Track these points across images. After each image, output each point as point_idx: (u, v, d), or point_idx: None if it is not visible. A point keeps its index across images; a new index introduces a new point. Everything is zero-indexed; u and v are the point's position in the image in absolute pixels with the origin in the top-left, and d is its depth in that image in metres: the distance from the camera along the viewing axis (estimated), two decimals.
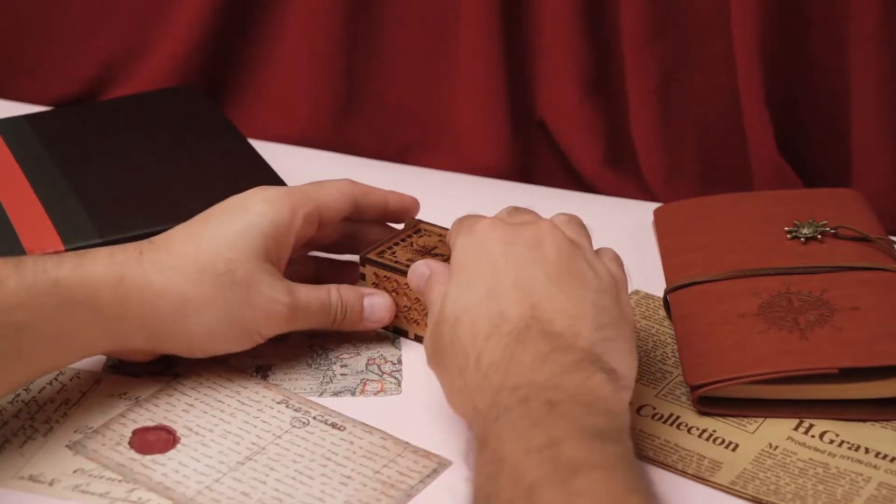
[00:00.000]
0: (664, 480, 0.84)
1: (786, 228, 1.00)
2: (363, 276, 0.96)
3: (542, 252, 0.82)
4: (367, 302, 0.94)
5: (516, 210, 0.88)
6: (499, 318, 0.79)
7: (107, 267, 0.86)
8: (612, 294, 0.82)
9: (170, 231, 0.91)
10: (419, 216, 1.00)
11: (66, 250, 0.98)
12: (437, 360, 0.84)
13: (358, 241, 0.97)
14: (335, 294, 0.93)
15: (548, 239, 0.82)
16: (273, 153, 1.16)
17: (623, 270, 0.85)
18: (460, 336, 0.80)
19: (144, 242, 0.89)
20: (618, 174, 1.18)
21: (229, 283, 0.88)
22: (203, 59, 1.25)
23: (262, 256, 0.89)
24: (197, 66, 1.25)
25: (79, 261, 0.86)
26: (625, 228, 1.08)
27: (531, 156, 1.21)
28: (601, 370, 0.76)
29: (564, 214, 0.87)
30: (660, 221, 1.07)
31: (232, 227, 0.90)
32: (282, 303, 0.90)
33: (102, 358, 0.94)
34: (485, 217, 0.86)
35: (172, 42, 1.25)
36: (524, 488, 0.68)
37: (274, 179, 1.07)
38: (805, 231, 1.00)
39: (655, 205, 1.11)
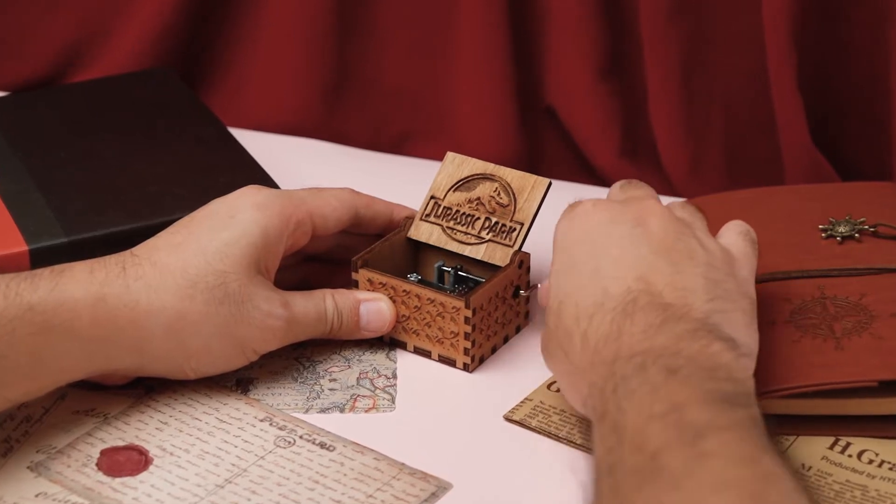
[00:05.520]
0: None
1: (820, 226, 1.00)
2: (356, 284, 0.96)
3: (647, 229, 0.85)
4: (363, 309, 0.94)
5: (629, 183, 0.92)
6: (602, 296, 0.82)
7: (86, 286, 0.86)
8: (725, 269, 0.85)
9: (152, 241, 0.91)
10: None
11: (30, 250, 0.98)
12: (546, 353, 0.87)
13: (354, 253, 0.97)
14: (330, 301, 0.93)
15: (653, 216, 0.86)
16: (255, 143, 1.16)
17: (751, 245, 0.88)
18: (564, 320, 0.84)
19: (126, 255, 0.89)
20: (635, 166, 1.18)
21: (222, 297, 0.88)
22: (178, 39, 1.25)
23: (254, 267, 0.90)
24: (172, 47, 1.25)
25: (55, 281, 0.86)
26: None
27: (539, 145, 1.21)
28: (719, 338, 0.79)
29: (677, 201, 0.91)
30: None
31: (221, 236, 0.90)
32: (278, 317, 0.90)
33: None
34: (588, 199, 0.89)
35: (145, 20, 1.25)
36: (648, 454, 0.70)
37: (257, 172, 1.07)
38: (841, 229, 1.00)
39: (677, 200, 1.10)
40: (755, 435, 0.71)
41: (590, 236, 0.86)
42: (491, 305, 0.95)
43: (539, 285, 0.93)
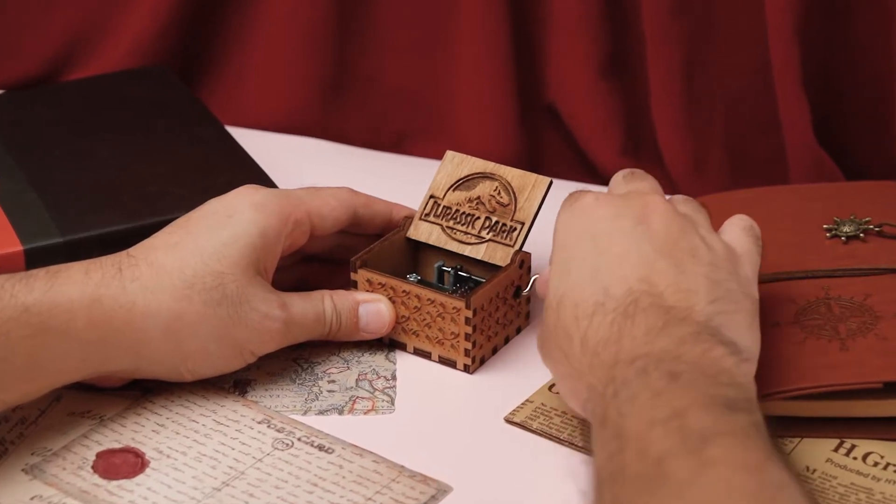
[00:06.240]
0: None
1: (824, 226, 1.00)
2: (354, 284, 0.96)
3: (650, 226, 0.84)
4: (362, 310, 0.94)
5: (632, 174, 0.91)
6: (603, 296, 0.82)
7: (82, 287, 0.86)
8: (728, 268, 0.84)
9: (149, 241, 0.91)
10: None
11: (25, 250, 0.98)
12: (544, 351, 0.86)
13: (353, 254, 0.97)
14: (328, 303, 0.93)
15: (656, 213, 0.85)
16: (253, 142, 1.16)
17: (754, 242, 0.88)
18: (563, 319, 0.83)
19: (122, 255, 0.89)
20: (637, 164, 1.17)
21: (219, 298, 0.88)
22: (176, 37, 1.25)
23: (252, 268, 0.90)
24: (169, 45, 1.25)
25: (50, 282, 0.86)
26: None
27: (540, 144, 1.21)
28: (721, 343, 0.78)
29: (679, 195, 0.90)
30: None
31: (219, 236, 0.90)
32: (277, 318, 0.90)
33: None
34: (590, 191, 0.88)
35: (141, 17, 1.25)
36: (652, 461, 0.70)
37: (255, 171, 1.07)
38: (846, 229, 0.99)
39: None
40: (759, 441, 0.71)
41: (591, 233, 0.85)
42: (492, 306, 0.95)
43: (536, 276, 0.93)
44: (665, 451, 0.70)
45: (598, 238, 0.85)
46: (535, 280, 0.94)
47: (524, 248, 0.96)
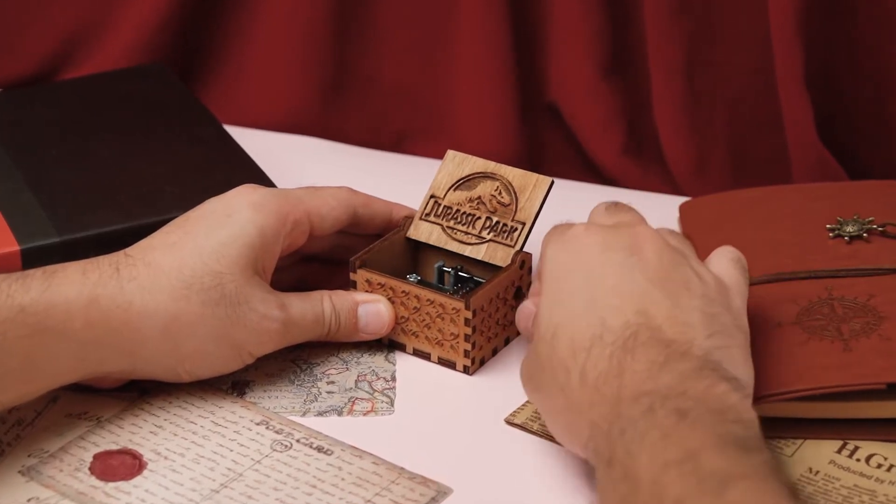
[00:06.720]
0: None
1: (827, 226, 1.00)
2: (354, 284, 0.96)
3: (643, 257, 0.84)
4: (362, 311, 0.94)
5: (615, 206, 0.90)
6: (600, 328, 0.81)
7: (79, 287, 0.86)
8: (721, 301, 0.84)
9: (146, 240, 0.91)
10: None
11: (22, 250, 0.98)
12: (533, 384, 0.85)
13: (352, 254, 0.97)
14: (328, 303, 0.93)
15: (648, 244, 0.84)
16: (252, 141, 1.16)
17: (742, 273, 0.87)
18: (559, 351, 0.82)
19: (120, 255, 0.89)
20: (639, 164, 1.18)
21: (218, 298, 0.88)
22: (174, 34, 1.25)
23: (250, 268, 0.90)
24: (167, 43, 1.25)
25: (47, 282, 0.86)
26: None
27: (541, 143, 1.21)
28: (724, 378, 0.78)
29: (664, 227, 0.89)
30: (686, 218, 1.07)
31: (217, 235, 0.90)
32: (275, 319, 0.90)
33: None
34: (578, 223, 0.88)
35: (139, 15, 1.25)
36: None
37: (253, 171, 1.07)
38: (849, 229, 0.99)
39: (681, 199, 1.11)
40: (776, 483, 0.71)
41: (583, 264, 0.84)
42: (492, 307, 0.94)
43: (520, 307, 0.92)
44: (683, 496, 0.70)
45: (591, 269, 0.84)
46: (521, 308, 0.92)
47: (525, 249, 0.96)
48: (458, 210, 0.98)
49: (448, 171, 0.99)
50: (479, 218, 0.97)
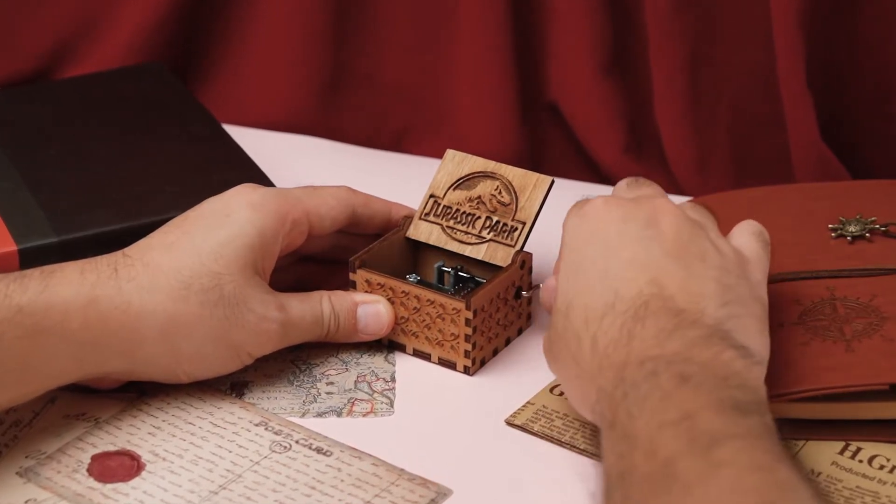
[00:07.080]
0: None
1: (830, 226, 1.00)
2: (353, 285, 0.96)
3: (659, 229, 0.85)
4: (361, 311, 0.94)
5: (636, 181, 0.91)
6: (613, 298, 0.82)
7: (77, 287, 0.86)
8: (738, 272, 0.85)
9: (145, 240, 0.91)
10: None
11: (19, 250, 0.98)
12: (552, 355, 0.87)
13: (351, 254, 0.97)
14: (327, 304, 0.93)
15: (665, 216, 0.85)
16: (250, 140, 1.16)
17: (763, 247, 0.88)
18: (573, 321, 0.83)
19: (118, 255, 0.89)
20: (640, 163, 1.18)
21: (217, 299, 0.88)
22: (172, 33, 1.25)
23: (249, 268, 0.90)
24: (165, 41, 1.25)
25: (45, 282, 0.86)
26: None
27: (542, 142, 1.21)
28: (732, 346, 0.79)
29: (687, 202, 0.90)
30: None
31: (216, 235, 0.90)
32: (274, 320, 0.90)
33: None
34: (598, 196, 0.89)
35: (136, 13, 1.25)
36: (660, 462, 0.71)
37: (252, 170, 1.07)
38: (852, 229, 0.99)
39: (683, 198, 1.10)
40: (769, 443, 0.72)
41: (600, 235, 0.85)
42: (492, 307, 0.94)
43: (541, 284, 0.93)
44: (674, 453, 0.71)
45: (608, 241, 0.85)
46: (539, 287, 0.94)
47: (525, 249, 0.96)
48: (457, 210, 0.98)
49: (448, 171, 0.99)
50: (479, 217, 0.97)
